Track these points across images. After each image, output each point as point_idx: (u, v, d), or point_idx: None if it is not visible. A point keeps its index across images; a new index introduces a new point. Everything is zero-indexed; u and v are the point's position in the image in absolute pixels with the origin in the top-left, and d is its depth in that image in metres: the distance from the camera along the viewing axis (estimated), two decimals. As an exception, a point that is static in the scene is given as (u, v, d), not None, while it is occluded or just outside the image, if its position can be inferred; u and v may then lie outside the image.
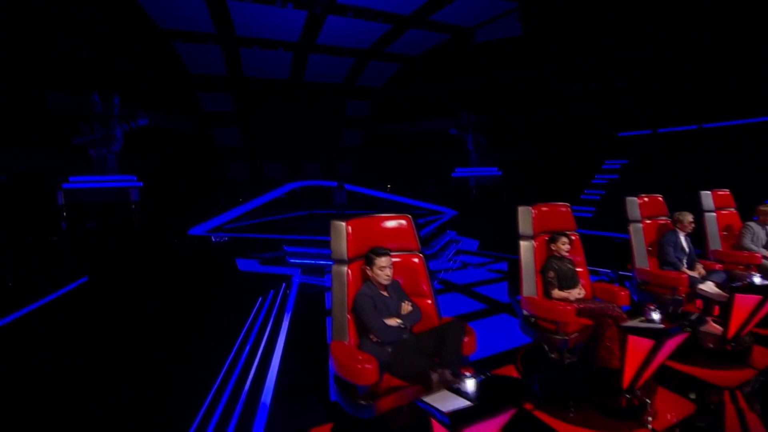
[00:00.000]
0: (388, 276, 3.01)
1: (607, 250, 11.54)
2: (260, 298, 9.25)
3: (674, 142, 14.97)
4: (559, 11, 17.23)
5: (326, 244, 10.07)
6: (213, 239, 18.58)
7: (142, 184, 13.89)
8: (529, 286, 4.11)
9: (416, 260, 3.46)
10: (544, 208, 4.36)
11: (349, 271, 3.10)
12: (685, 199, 5.86)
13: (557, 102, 19.16)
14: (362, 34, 17.74)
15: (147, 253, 10.89)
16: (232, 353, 5.55)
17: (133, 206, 13.14)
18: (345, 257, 3.12)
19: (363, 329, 3.02)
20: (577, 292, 3.95)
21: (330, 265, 3.28)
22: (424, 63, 20.64)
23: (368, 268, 3.05)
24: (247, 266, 10.30)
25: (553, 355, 3.86)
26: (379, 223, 3.40)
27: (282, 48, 17.96)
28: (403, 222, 3.48)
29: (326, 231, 3.30)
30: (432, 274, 3.64)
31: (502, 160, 19.36)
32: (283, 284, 9.25)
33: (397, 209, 17.21)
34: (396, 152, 22.51)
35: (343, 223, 3.16)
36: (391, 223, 3.45)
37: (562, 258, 4.16)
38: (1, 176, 11.47)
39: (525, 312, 4.10)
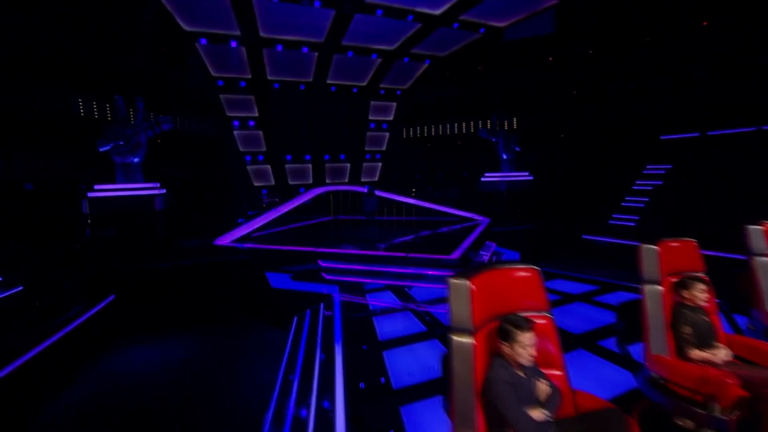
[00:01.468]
0: (532, 356, 2.38)
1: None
2: (296, 319, 8.75)
3: (727, 146, 13.99)
4: (600, 5, 16.34)
5: (367, 259, 9.16)
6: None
7: (165, 191, 13.47)
8: (658, 342, 3.44)
9: (544, 321, 2.83)
10: (673, 245, 3.67)
11: (475, 343, 2.48)
12: (739, 212, 5.05)
13: (594, 102, 18.27)
14: (390, 33, 17.09)
15: (173, 267, 10.41)
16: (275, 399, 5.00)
17: (158, 215, 12.68)
18: (470, 326, 2.51)
19: (496, 419, 2.40)
20: (724, 354, 3.27)
21: (371, 286, 2.66)
22: (452, 63, 19.90)
23: (505, 343, 2.42)
24: (279, 282, 9.76)
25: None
26: (503, 278, 2.78)
27: (307, 48, 17.39)
28: (529, 275, 2.85)
29: (364, 242, 2.67)
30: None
31: (535, 164, 18.56)
32: (321, 304, 8.71)
33: (426, 216, 16.70)
34: (421, 155, 21.84)
35: (467, 282, 2.54)
36: (515, 277, 2.82)
37: (695, 308, 3.48)
38: (27, 184, 11.13)
39: (653, 374, 3.44)
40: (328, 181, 21.13)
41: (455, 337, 2.54)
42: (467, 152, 20.12)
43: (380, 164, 22.42)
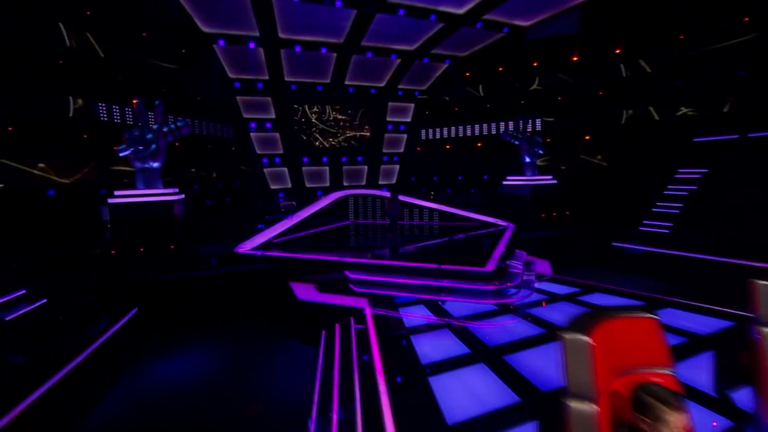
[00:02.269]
0: (683, 442, 1.97)
1: (715, 279, 10.09)
2: (324, 334, 8.40)
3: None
4: (629, 3, 15.74)
5: (398, 270, 8.57)
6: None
7: (184, 196, 13.26)
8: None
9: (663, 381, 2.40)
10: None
11: (599, 410, 2.08)
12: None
13: (621, 103, 17.66)
14: (411, 33, 16.71)
15: (195, 277, 10.14)
16: None
17: (177, 221, 12.45)
18: (591, 391, 2.10)
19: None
20: None
21: (402, 299, 2.25)
22: (473, 63, 19.43)
23: (644, 419, 2.01)
24: (305, 294, 9.41)
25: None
26: (619, 329, 2.36)
27: (326, 48, 17.06)
28: (648, 324, 2.43)
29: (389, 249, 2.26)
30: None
31: (559, 167, 18.05)
32: (351, 319, 8.35)
33: (448, 221, 16.26)
34: (440, 158, 21.39)
35: (585, 339, 2.13)
36: (633, 327, 2.41)
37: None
38: (49, 190, 10.94)
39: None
40: (345, 184, 20.82)
41: (574, 404, 2.14)
42: (487, 155, 19.63)
43: (398, 166, 22.04)
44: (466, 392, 5.12)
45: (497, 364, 5.81)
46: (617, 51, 17.24)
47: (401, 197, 13.82)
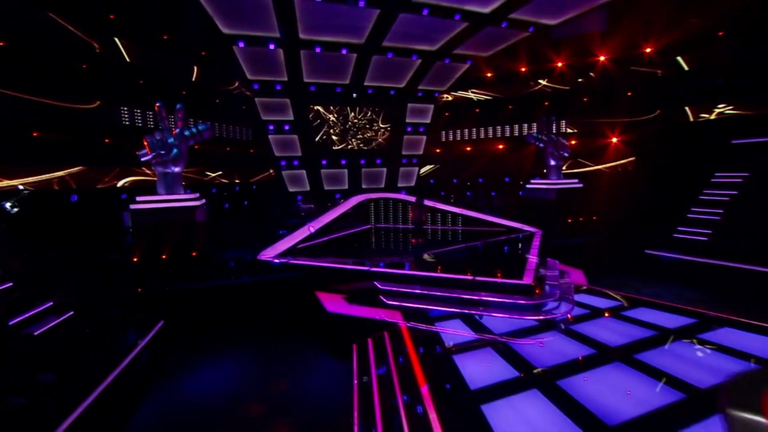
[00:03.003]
0: None
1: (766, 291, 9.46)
2: (356, 348, 8.07)
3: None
4: None
5: (431, 282, 7.97)
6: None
7: (205, 201, 13.04)
8: None
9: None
10: None
11: None
12: None
13: (653, 104, 17.02)
14: (433, 32, 16.27)
15: (219, 287, 9.87)
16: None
17: (199, 227, 12.23)
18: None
19: None
20: None
21: (436, 312, 1.88)
22: (495, 63, 18.94)
23: None
24: (333, 305, 9.10)
25: None
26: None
27: (346, 49, 16.72)
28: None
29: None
30: None
31: (584, 170, 17.50)
32: (385, 333, 8.00)
33: (472, 225, 15.83)
34: (459, 160, 20.95)
35: (762, 420, 1.75)
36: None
37: None
38: (72, 196, 10.80)
39: None
40: (364, 187, 20.48)
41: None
42: (509, 157, 19.14)
43: (417, 169, 21.63)
44: (525, 424, 4.74)
45: (552, 391, 5.41)
46: (647, 50, 16.60)
47: (426, 202, 13.43)
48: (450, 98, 20.86)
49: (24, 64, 11.02)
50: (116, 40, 12.67)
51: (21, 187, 10.39)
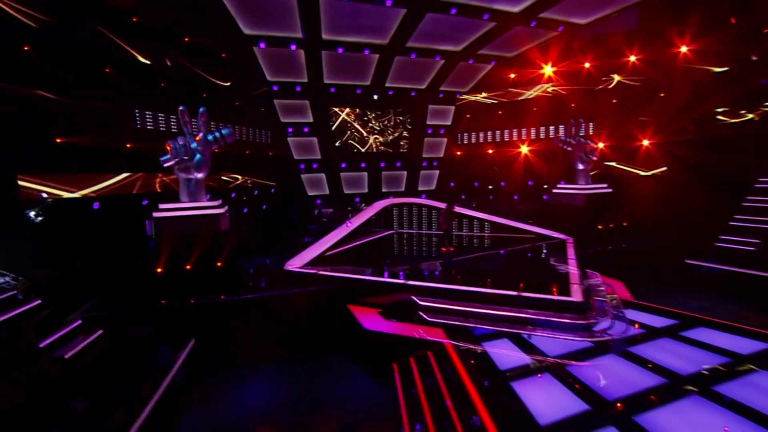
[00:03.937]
0: None
1: None
2: (396, 368, 7.64)
3: None
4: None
5: (473, 297, 7.27)
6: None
7: (227, 208, 12.65)
8: None
9: None
10: None
11: None
12: None
13: (686, 103, 16.28)
14: (459, 32, 15.78)
15: (246, 300, 9.44)
16: None
17: (224, 236, 11.83)
18: None
19: None
20: None
21: (480, 330, 1.45)
22: (519, 63, 18.39)
23: None
24: (369, 322, 8.65)
25: None
26: None
27: (369, 50, 16.28)
28: None
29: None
30: None
31: (612, 173, 16.89)
32: (429, 354, 7.54)
33: (499, 231, 15.31)
34: (482, 163, 20.39)
35: None
36: None
37: None
38: (94, 203, 10.48)
39: None
40: (384, 190, 20.03)
41: None
42: (534, 160, 18.56)
43: (437, 172, 21.12)
44: (613, 472, 4.25)
45: (631, 429, 4.92)
46: (681, 49, 15.92)
47: (457, 208, 12.93)
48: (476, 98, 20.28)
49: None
50: (135, 42, 12.30)
51: (45, 195, 10.10)
